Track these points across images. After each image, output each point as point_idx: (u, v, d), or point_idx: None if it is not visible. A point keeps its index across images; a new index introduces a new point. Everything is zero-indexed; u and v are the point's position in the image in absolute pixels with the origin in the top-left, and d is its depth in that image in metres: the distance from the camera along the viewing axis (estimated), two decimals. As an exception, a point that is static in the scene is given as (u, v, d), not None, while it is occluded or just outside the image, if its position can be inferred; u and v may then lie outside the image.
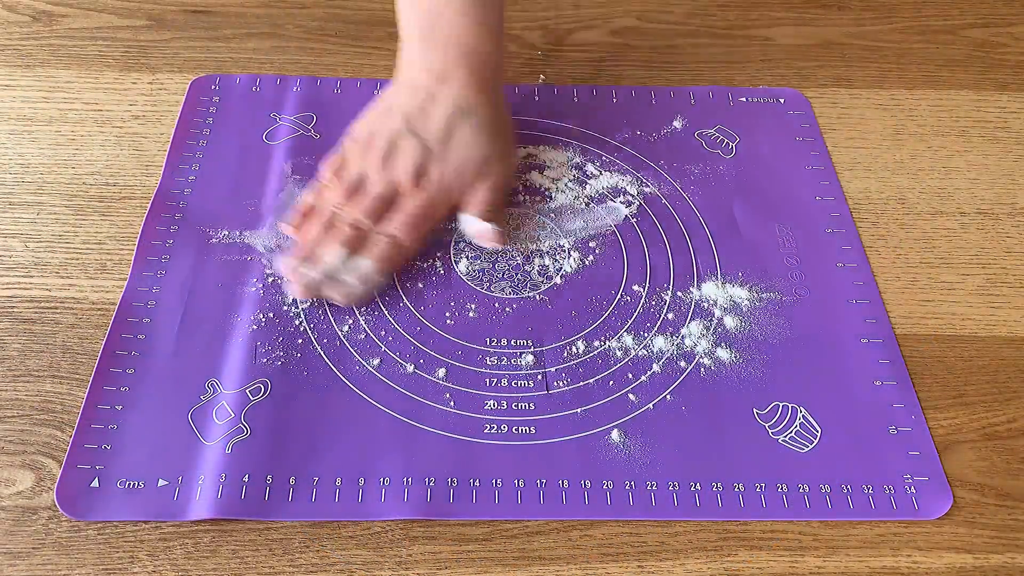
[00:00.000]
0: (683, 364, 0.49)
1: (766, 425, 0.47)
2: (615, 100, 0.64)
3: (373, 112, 0.54)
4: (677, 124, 0.62)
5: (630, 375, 0.48)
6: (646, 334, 0.50)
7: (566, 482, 0.44)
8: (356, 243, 0.50)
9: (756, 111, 0.64)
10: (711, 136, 0.62)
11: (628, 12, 0.72)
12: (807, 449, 0.46)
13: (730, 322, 0.51)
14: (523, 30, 0.70)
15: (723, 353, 0.50)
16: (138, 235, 0.53)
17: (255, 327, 0.49)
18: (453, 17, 0.52)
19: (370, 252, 0.51)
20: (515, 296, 0.52)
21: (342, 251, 0.50)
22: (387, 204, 0.52)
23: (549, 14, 0.71)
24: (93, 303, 0.50)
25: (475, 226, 0.53)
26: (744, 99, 0.64)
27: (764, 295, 0.53)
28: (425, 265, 0.53)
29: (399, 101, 0.53)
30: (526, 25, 0.70)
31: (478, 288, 0.52)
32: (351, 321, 0.50)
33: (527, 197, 0.57)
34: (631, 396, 0.48)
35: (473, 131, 0.52)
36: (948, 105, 0.66)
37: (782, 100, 0.65)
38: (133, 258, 0.52)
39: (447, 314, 0.51)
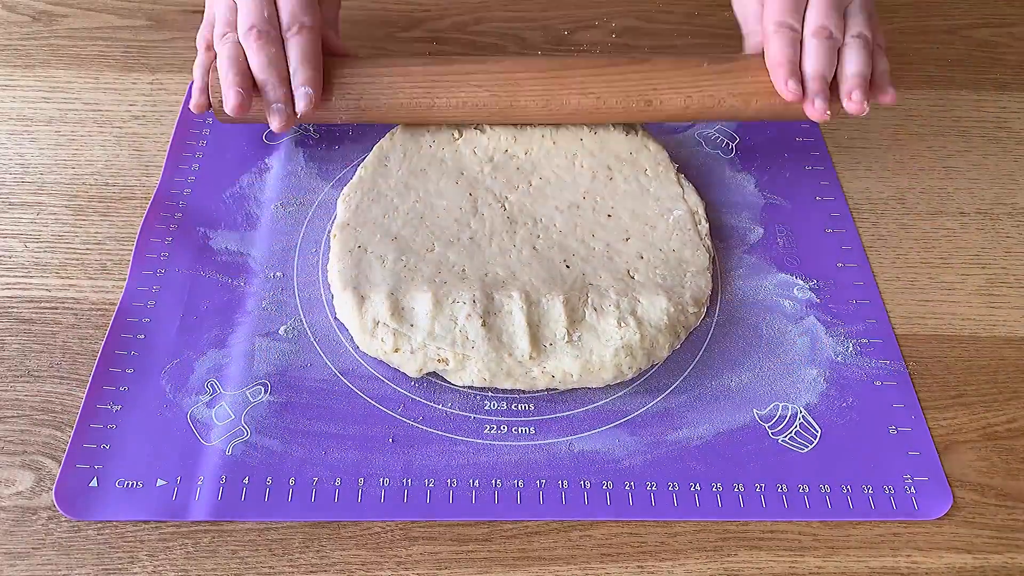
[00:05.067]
0: (683, 364, 0.49)
1: (766, 425, 0.47)
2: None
3: None
4: (677, 124, 0.62)
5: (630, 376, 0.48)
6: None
7: (566, 482, 0.44)
8: (272, 47, 0.50)
9: (756, 111, 0.64)
10: (711, 136, 0.62)
11: (628, 12, 0.72)
12: (807, 449, 0.46)
13: (730, 322, 0.51)
14: (523, 30, 0.70)
15: (723, 352, 0.50)
16: (136, 235, 0.53)
17: (255, 328, 0.49)
18: None
19: (291, 49, 0.51)
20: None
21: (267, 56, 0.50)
22: (268, 2, 0.51)
23: (549, 14, 0.71)
24: (93, 303, 0.50)
25: None
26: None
27: (764, 295, 0.53)
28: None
29: None
30: (526, 25, 0.70)
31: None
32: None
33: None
34: (631, 397, 0.48)
35: None
36: (948, 105, 0.66)
37: (782, 100, 0.65)
38: (132, 258, 0.52)
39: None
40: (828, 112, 0.50)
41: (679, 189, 0.54)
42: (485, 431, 0.46)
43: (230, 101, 0.49)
